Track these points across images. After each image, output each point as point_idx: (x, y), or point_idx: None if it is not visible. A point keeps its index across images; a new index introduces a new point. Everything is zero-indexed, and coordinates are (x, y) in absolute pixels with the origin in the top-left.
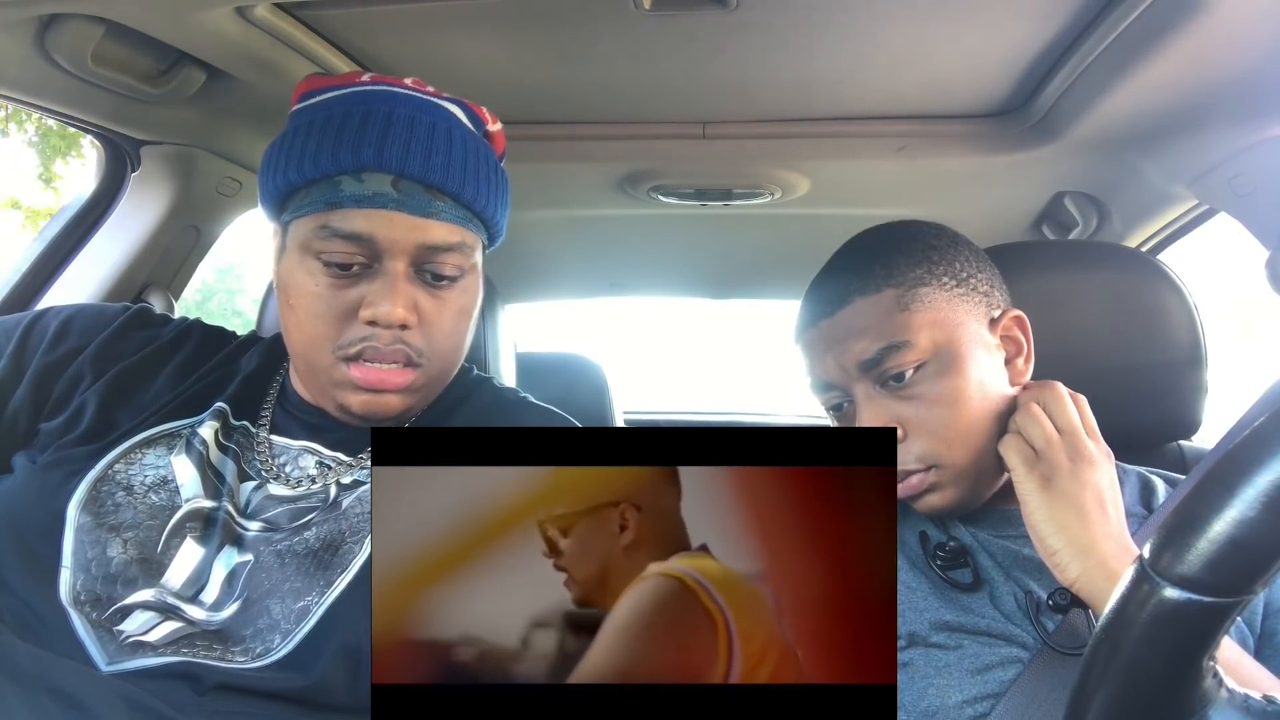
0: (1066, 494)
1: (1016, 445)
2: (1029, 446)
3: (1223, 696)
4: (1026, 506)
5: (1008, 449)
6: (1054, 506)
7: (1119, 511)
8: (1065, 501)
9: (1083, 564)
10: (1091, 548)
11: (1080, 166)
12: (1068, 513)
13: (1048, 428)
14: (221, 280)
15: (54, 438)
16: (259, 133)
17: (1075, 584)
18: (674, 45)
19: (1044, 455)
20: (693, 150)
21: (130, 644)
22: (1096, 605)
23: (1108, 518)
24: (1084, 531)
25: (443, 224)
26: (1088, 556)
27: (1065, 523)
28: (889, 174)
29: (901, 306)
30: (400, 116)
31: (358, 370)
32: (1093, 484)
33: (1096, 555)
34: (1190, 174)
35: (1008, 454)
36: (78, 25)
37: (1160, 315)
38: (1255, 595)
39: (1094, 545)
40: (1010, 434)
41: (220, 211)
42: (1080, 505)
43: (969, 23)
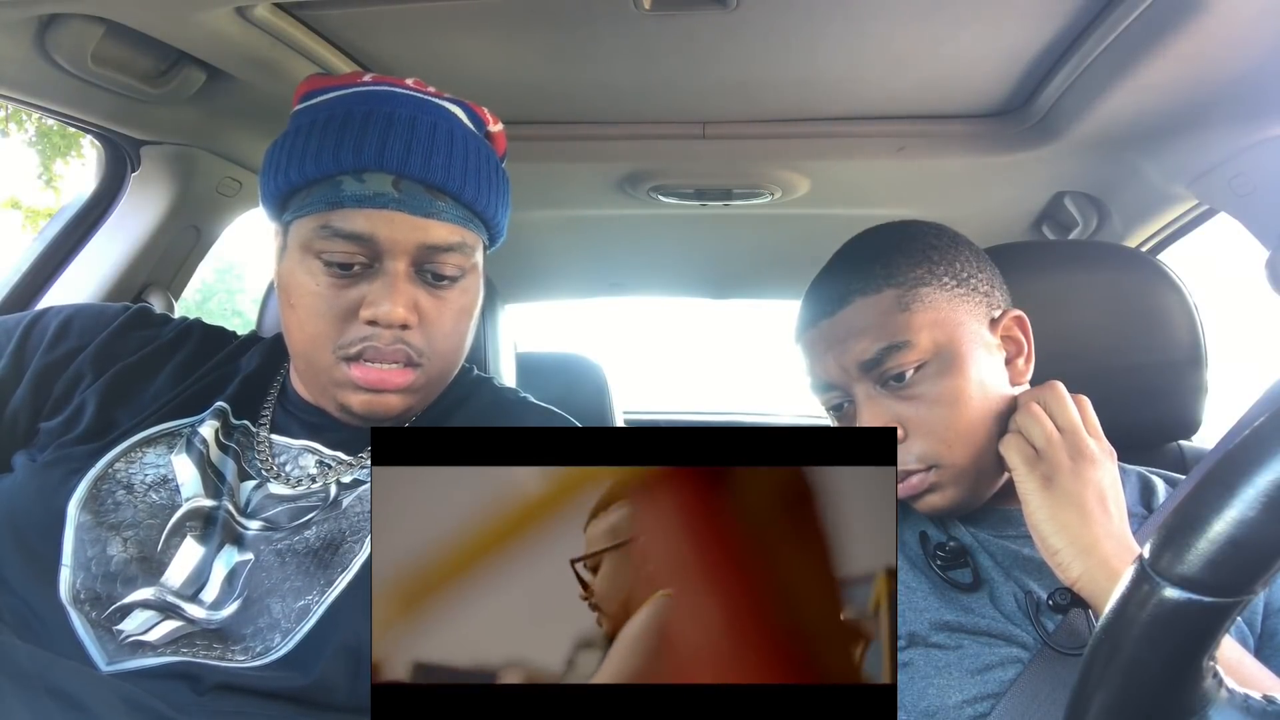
0: (1068, 493)
1: (1017, 445)
2: (1030, 446)
3: (1223, 696)
4: (1028, 506)
5: (1009, 449)
6: (1056, 506)
7: (1121, 510)
8: (1067, 500)
9: (1085, 563)
10: (1093, 547)
11: (1080, 166)
12: (1069, 512)
13: (1048, 427)
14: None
15: (54, 437)
16: (259, 133)
17: (1077, 583)
18: (674, 45)
19: (1045, 454)
20: (693, 150)
21: (130, 643)
22: (1098, 605)
23: (1110, 516)
24: (1086, 530)
25: (443, 224)
26: (1090, 556)
27: (1067, 522)
28: (889, 174)
29: (902, 307)
30: (401, 117)
31: (358, 370)
32: (1094, 482)
33: (1098, 554)
34: (1190, 174)
35: (1009, 453)
36: (78, 25)
37: (1160, 315)
38: (1255, 595)
39: (1096, 544)
40: (1011, 433)
41: (220, 211)
42: (1082, 504)
43: (969, 23)
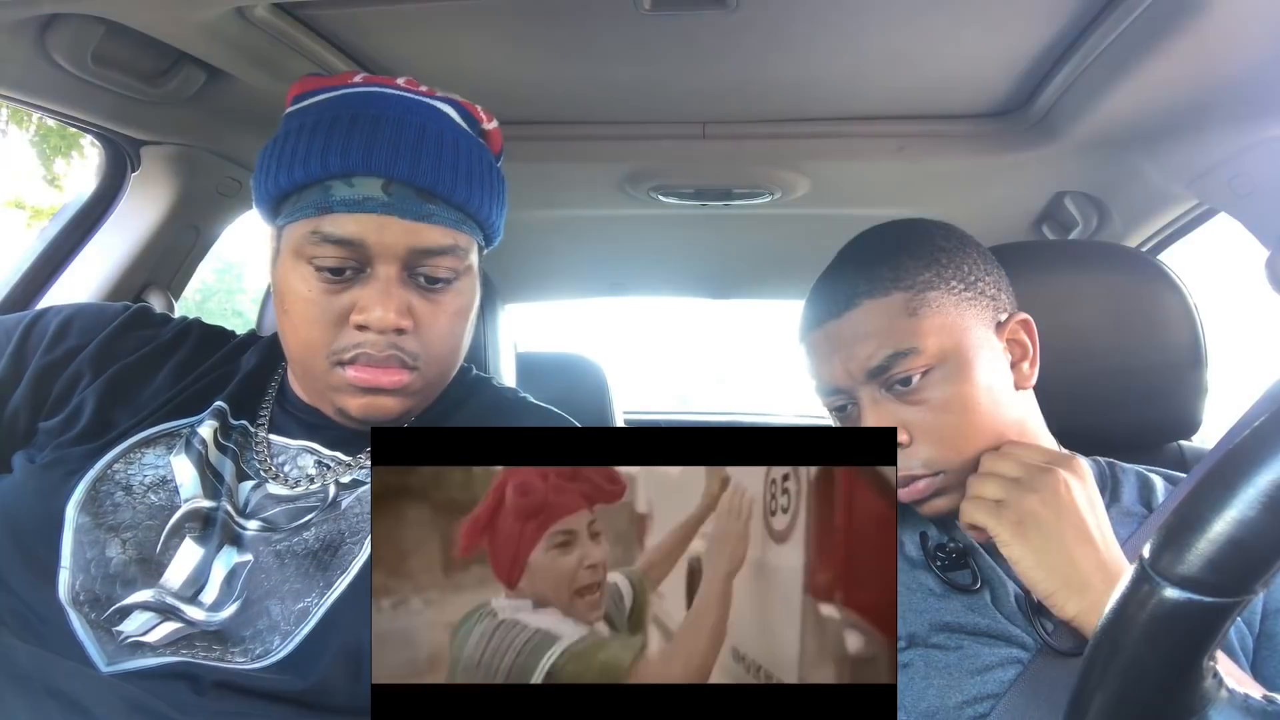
0: (1046, 532)
1: (976, 505)
2: (989, 501)
3: (1223, 696)
4: (1011, 558)
5: (969, 514)
6: (1038, 552)
7: (1104, 524)
8: (1046, 542)
9: (1079, 603)
10: (1085, 587)
11: (1080, 166)
12: (1053, 553)
13: (1000, 470)
14: (221, 280)
15: (52, 437)
16: (259, 133)
17: (1075, 620)
18: (674, 45)
19: (1007, 501)
20: (693, 150)
21: (129, 644)
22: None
23: (1094, 544)
24: (1075, 572)
25: (435, 227)
26: (1083, 596)
27: (1054, 565)
28: (889, 174)
29: (910, 311)
30: (389, 119)
31: (353, 371)
32: (1069, 509)
33: (1091, 595)
34: (1190, 174)
35: (974, 517)
36: (78, 25)
37: (1160, 315)
38: (1255, 595)
39: (1087, 584)
40: (966, 500)
41: (220, 211)
42: (1062, 541)
43: (969, 23)
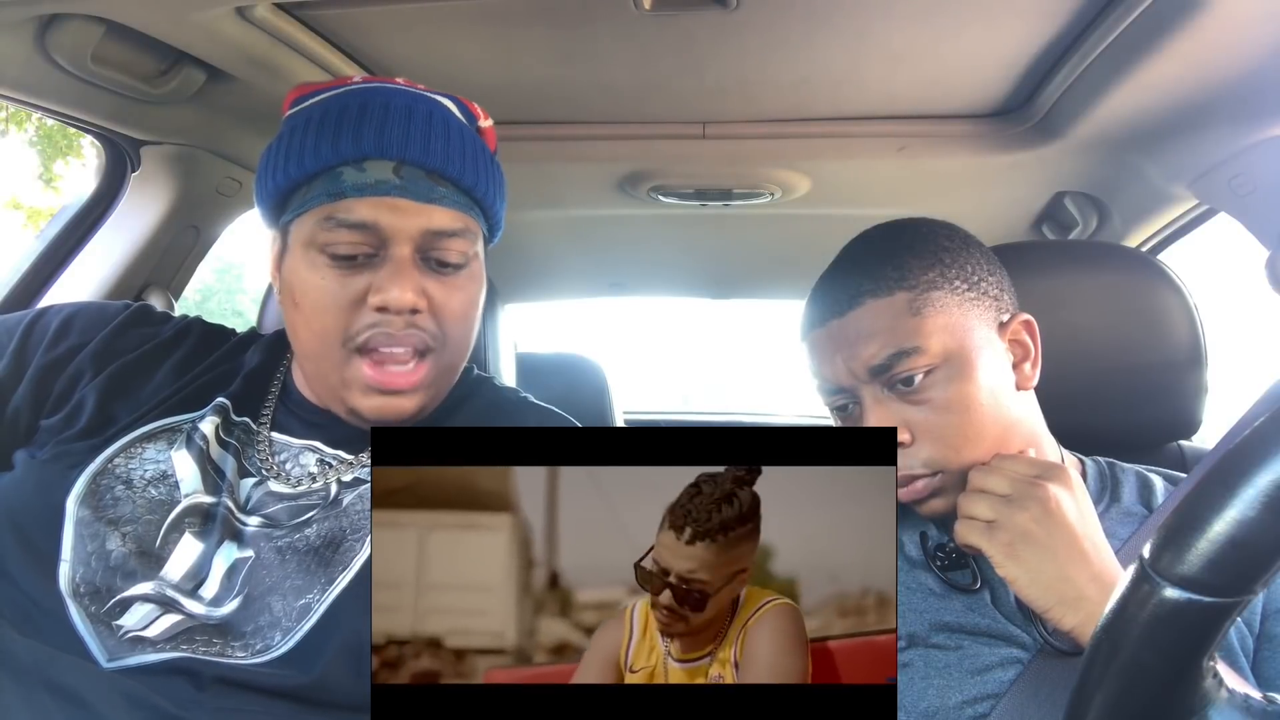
0: (1039, 549)
1: (969, 527)
2: (980, 522)
3: (1223, 696)
4: (1007, 577)
5: (963, 534)
6: (1032, 571)
7: (1097, 534)
8: (1040, 559)
9: (1076, 616)
10: (1081, 600)
11: (1080, 166)
12: (1047, 569)
13: (990, 488)
14: (221, 280)
15: (54, 434)
16: (259, 133)
17: (1073, 631)
18: (674, 45)
19: (999, 522)
20: (693, 150)
21: (130, 639)
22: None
23: (1088, 557)
24: (1069, 586)
25: (446, 210)
26: (1079, 609)
27: (1049, 582)
28: (889, 174)
29: (913, 311)
30: (397, 105)
31: (370, 368)
32: (1062, 524)
33: (1087, 607)
34: (1190, 174)
35: (968, 540)
36: (78, 25)
37: (1160, 315)
38: (1255, 595)
39: (1082, 597)
40: (959, 520)
41: (220, 211)
42: (1055, 556)
43: (969, 23)
